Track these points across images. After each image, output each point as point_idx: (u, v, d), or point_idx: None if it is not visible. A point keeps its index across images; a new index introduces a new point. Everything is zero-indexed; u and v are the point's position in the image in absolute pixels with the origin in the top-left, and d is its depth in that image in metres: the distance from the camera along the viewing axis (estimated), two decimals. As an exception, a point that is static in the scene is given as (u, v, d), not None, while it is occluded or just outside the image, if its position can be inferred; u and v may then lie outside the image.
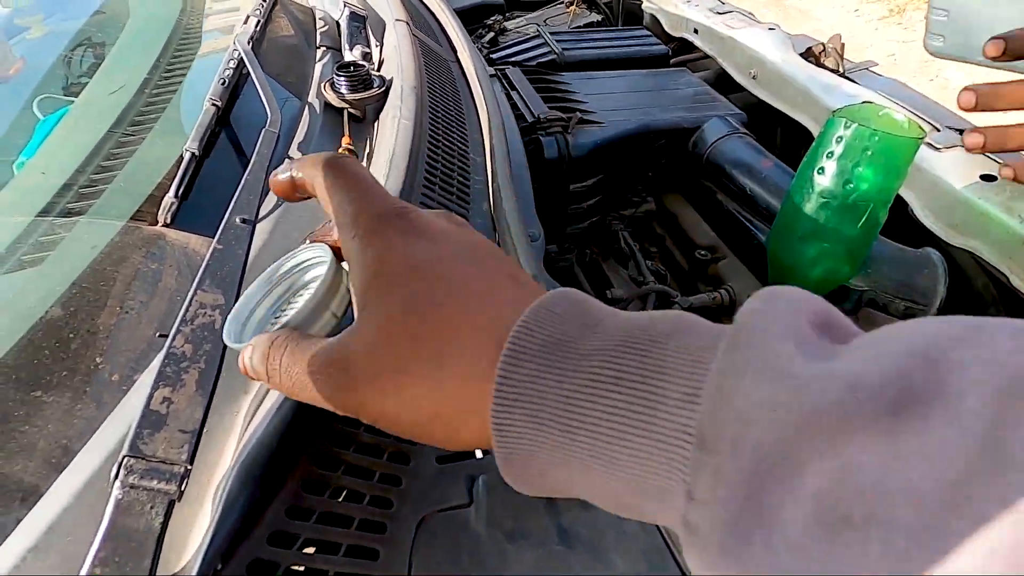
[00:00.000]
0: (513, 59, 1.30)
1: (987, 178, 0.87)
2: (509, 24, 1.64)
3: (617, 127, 1.02)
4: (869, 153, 0.65)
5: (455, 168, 0.72)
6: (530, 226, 0.72)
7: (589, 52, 1.27)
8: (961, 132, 1.02)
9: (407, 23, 0.95)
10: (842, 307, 0.84)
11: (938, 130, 0.98)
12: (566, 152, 0.95)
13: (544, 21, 1.62)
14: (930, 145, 0.95)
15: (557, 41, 1.30)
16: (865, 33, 4.14)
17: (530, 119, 0.99)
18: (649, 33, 1.37)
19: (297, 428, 0.41)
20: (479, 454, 0.46)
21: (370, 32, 0.98)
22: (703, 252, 0.98)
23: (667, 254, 1.08)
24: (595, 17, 1.58)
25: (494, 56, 1.35)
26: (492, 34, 1.59)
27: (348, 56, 0.90)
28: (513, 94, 1.08)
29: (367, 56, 0.91)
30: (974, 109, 0.60)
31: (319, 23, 1.00)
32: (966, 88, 0.62)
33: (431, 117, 0.77)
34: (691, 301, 0.90)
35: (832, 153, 0.68)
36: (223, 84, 0.74)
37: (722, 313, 0.94)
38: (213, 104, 0.71)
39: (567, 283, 1.07)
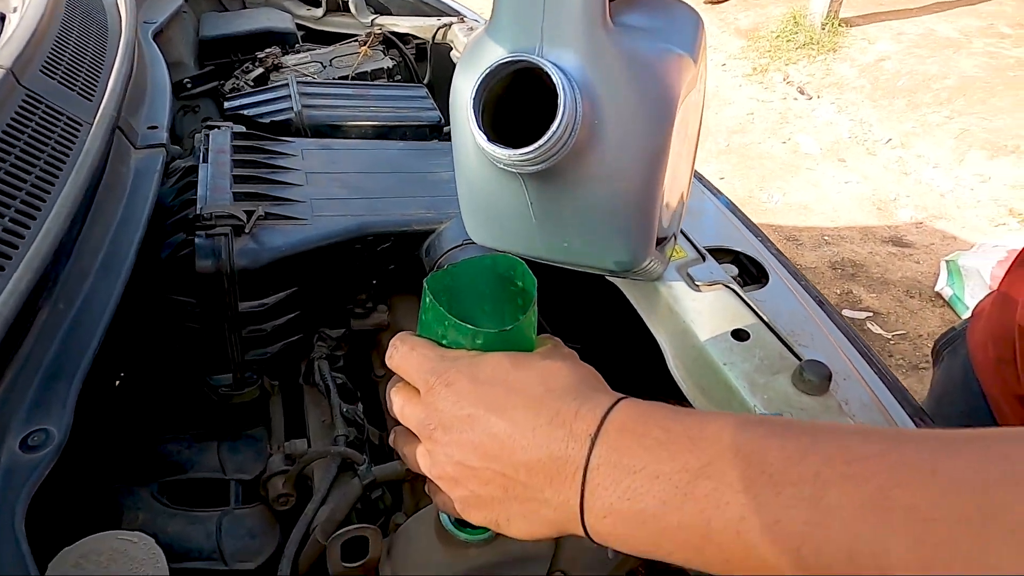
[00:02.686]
0: (246, 111, 1.05)
1: (739, 335, 0.72)
2: (290, 59, 1.40)
3: (322, 228, 0.80)
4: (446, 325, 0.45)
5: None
6: (39, 420, 0.47)
7: (338, 114, 1.04)
8: (736, 259, 0.88)
9: (9, 71, 0.68)
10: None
11: (703, 258, 0.83)
12: (227, 263, 0.71)
13: (330, 61, 1.39)
14: (689, 281, 0.79)
15: (304, 95, 1.07)
16: (730, 88, 4.23)
17: (199, 211, 0.75)
18: (426, 95, 1.17)
19: None
20: None
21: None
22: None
23: (393, 382, 0.86)
24: (386, 63, 1.36)
25: (230, 104, 1.10)
26: (262, 70, 1.33)
27: None
28: (201, 169, 0.82)
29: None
30: None
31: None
32: None
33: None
34: (374, 474, 0.69)
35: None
36: None
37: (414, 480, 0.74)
38: None
39: (249, 419, 0.83)
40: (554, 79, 0.45)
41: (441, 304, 0.45)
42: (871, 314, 2.53)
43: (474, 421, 0.40)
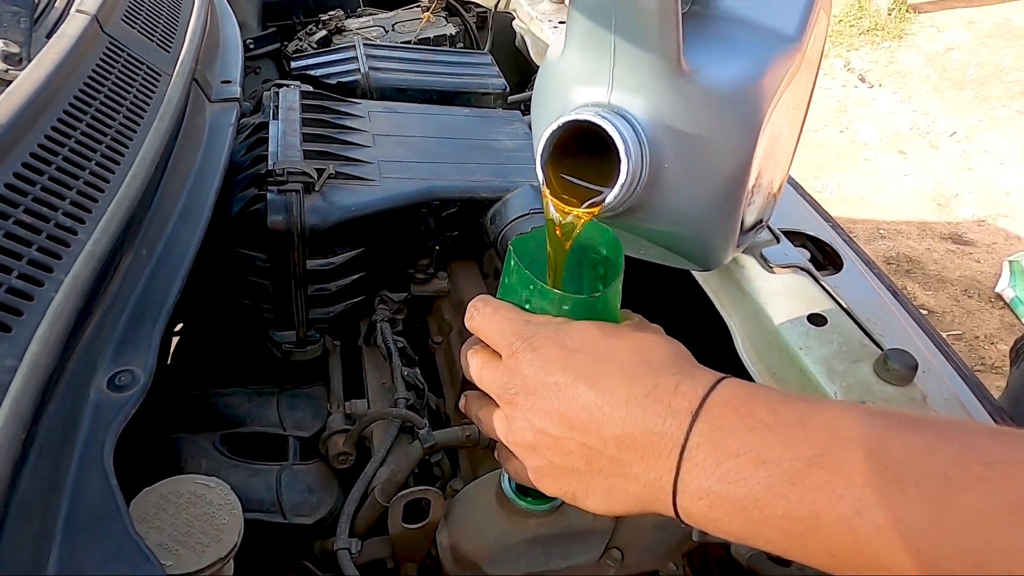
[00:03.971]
0: (313, 71, 1.05)
1: (816, 320, 0.69)
2: (352, 23, 1.39)
3: (390, 190, 0.79)
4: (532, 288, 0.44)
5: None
6: (124, 361, 0.47)
7: (404, 78, 1.03)
8: (805, 244, 0.85)
9: (94, 17, 0.68)
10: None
11: (777, 239, 0.80)
12: (297, 220, 0.71)
13: (392, 26, 1.38)
14: (763, 263, 0.76)
15: (371, 57, 1.06)
16: (787, 74, 4.09)
17: (271, 167, 0.75)
18: (491, 62, 1.15)
19: None
20: None
21: (59, 21, 0.71)
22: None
23: (451, 351, 0.86)
24: (449, 30, 1.35)
25: (297, 64, 1.10)
26: (325, 33, 1.33)
27: (-21, 54, 0.63)
28: (272, 126, 0.82)
29: (10, 58, 0.64)
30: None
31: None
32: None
33: (21, 171, 0.51)
34: (435, 439, 0.68)
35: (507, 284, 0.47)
36: None
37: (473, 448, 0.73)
38: None
39: (308, 377, 0.83)
40: (617, 144, 0.44)
41: (523, 265, 0.44)
42: (926, 312, 2.45)
43: (560, 388, 0.39)
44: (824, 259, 0.85)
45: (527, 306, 0.45)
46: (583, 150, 0.51)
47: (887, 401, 0.60)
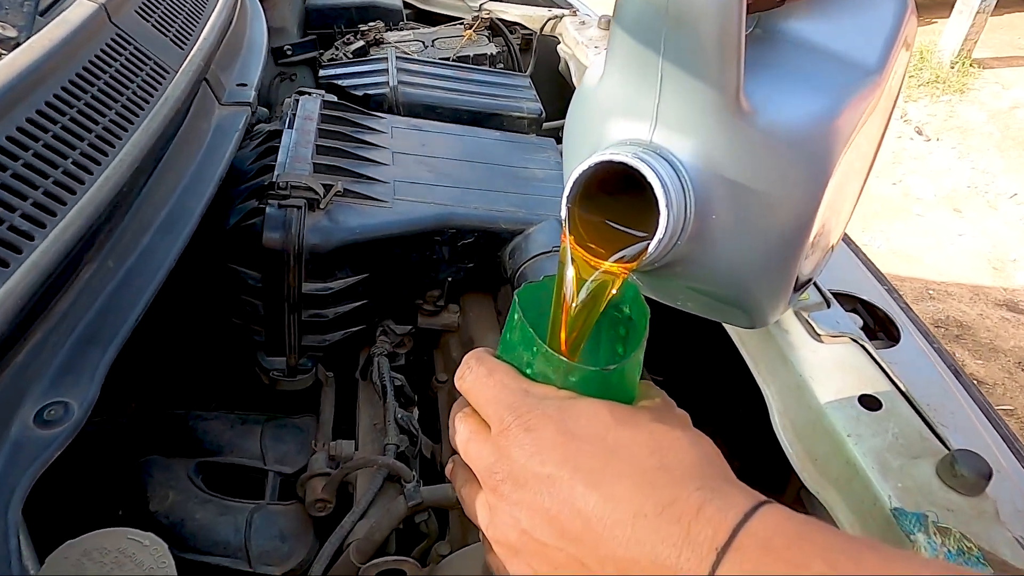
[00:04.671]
0: (340, 81, 1.00)
1: (869, 403, 0.60)
2: (392, 36, 1.34)
3: (402, 213, 0.72)
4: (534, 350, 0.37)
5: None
6: (61, 391, 0.41)
7: (434, 95, 0.97)
8: (856, 308, 0.76)
9: (102, 6, 0.63)
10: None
11: (827, 303, 0.71)
12: (296, 239, 0.65)
13: (433, 41, 1.33)
14: (810, 329, 0.67)
15: (402, 71, 1.01)
16: (840, 120, 3.97)
17: (274, 179, 0.69)
18: (529, 85, 1.08)
19: None
20: None
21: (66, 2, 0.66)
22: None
23: (456, 393, 0.78)
24: (490, 50, 1.29)
25: (325, 72, 1.05)
26: (362, 43, 1.28)
27: (-26, 36, 0.59)
28: (285, 135, 0.77)
29: (5, 42, 0.60)
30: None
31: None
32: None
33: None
34: (422, 496, 0.61)
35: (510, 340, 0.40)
36: None
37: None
38: None
39: (297, 407, 0.77)
40: (656, 193, 0.36)
41: (527, 320, 0.36)
42: (975, 382, 2.30)
43: (555, 484, 0.32)
44: (875, 325, 0.76)
45: (528, 371, 0.37)
46: (617, 188, 0.44)
47: (952, 512, 0.51)
